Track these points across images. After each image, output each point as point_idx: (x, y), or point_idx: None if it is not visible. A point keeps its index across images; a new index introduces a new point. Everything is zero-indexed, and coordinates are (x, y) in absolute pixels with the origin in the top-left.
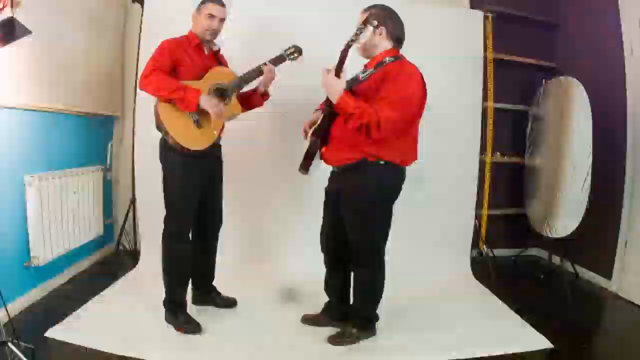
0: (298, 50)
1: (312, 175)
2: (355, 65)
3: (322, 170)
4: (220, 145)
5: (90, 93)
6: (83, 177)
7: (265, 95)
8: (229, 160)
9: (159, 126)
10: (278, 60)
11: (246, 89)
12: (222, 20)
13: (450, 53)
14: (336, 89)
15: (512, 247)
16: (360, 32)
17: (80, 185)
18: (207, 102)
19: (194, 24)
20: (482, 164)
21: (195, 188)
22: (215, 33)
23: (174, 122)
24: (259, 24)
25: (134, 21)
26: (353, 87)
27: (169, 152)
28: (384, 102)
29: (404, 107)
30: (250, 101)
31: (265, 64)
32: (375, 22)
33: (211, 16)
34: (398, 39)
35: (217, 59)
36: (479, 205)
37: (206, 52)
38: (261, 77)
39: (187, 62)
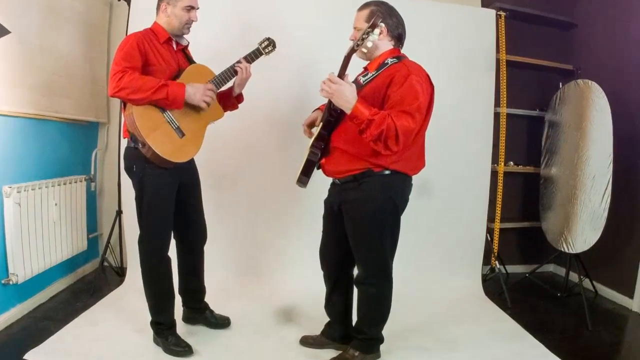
0: (272, 43)
1: (311, 185)
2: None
3: (321, 180)
4: None
5: (72, 97)
6: (65, 187)
7: (240, 97)
8: (220, 169)
9: (134, 136)
10: (253, 56)
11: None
12: (197, 9)
13: (459, 54)
14: (350, 98)
15: (527, 263)
16: (368, 35)
17: (62, 196)
18: (197, 91)
19: (164, 16)
20: (494, 174)
21: (172, 202)
22: (191, 26)
23: (153, 131)
24: (238, 17)
25: (119, 20)
26: None
27: (142, 163)
28: (397, 110)
29: (420, 115)
30: (222, 104)
31: (239, 61)
32: (383, 24)
33: (190, 8)
34: (399, 37)
35: (187, 56)
36: (490, 218)
37: (175, 48)
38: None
39: (158, 61)
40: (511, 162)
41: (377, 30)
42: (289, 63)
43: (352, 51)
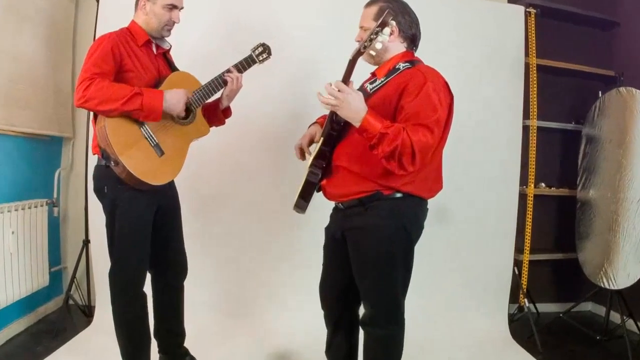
0: (267, 50)
1: (311, 211)
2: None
3: (322, 204)
4: None
5: (32, 108)
6: (23, 213)
7: (228, 111)
8: (203, 191)
9: (106, 153)
10: (245, 65)
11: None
12: (181, 9)
13: (482, 58)
14: (359, 108)
15: (560, 301)
16: (377, 35)
17: (20, 223)
18: (180, 99)
19: (143, 14)
20: (522, 197)
21: (149, 230)
22: (172, 28)
23: (128, 148)
24: (228, 17)
25: (86, 19)
26: None
27: (114, 183)
28: (413, 123)
29: (439, 129)
30: (207, 118)
31: (229, 70)
32: (394, 22)
33: (172, 7)
34: (413, 38)
35: (168, 61)
36: (518, 248)
37: (155, 52)
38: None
39: (135, 66)
40: (542, 184)
41: (387, 30)
42: (286, 67)
43: (358, 54)
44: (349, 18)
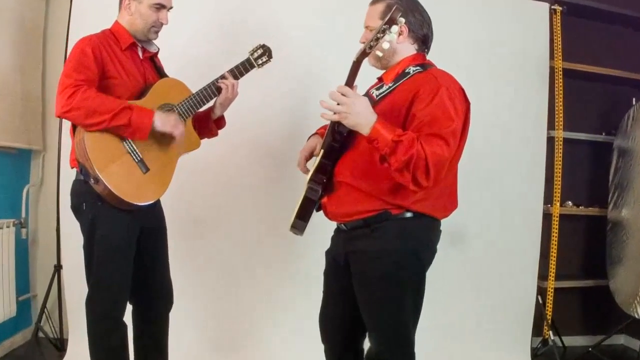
0: (267, 52)
1: (309, 232)
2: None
3: (322, 225)
4: None
5: None
6: None
7: (221, 121)
8: (191, 211)
9: (85, 168)
10: (242, 70)
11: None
12: (169, 10)
13: (501, 62)
14: (368, 114)
15: (590, 334)
16: (384, 34)
17: None
18: (167, 122)
19: (127, 14)
20: (547, 217)
21: (131, 253)
22: (160, 30)
23: (109, 163)
24: (222, 16)
25: (58, 19)
26: None
27: (93, 200)
28: (426, 133)
29: (455, 140)
30: (198, 129)
31: (223, 76)
32: (403, 20)
33: (159, 6)
34: (424, 39)
35: (155, 66)
36: (542, 275)
37: (141, 56)
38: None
39: (118, 73)
40: (569, 202)
41: (395, 29)
42: (283, 71)
43: (362, 55)
44: (357, 18)
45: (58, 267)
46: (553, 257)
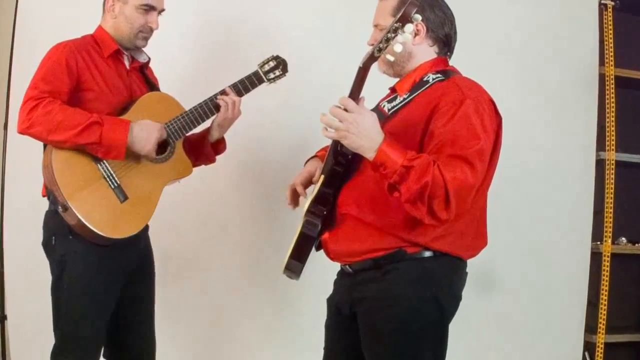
0: (281, 64)
1: (307, 274)
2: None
3: (323, 266)
4: (147, 225)
5: None
6: None
7: (220, 145)
8: (170, 249)
9: (53, 195)
10: (248, 85)
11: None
12: (161, 12)
13: (540, 67)
14: (372, 134)
15: None
16: (396, 34)
17: None
18: (150, 134)
19: (111, 19)
20: (595, 256)
21: (109, 299)
22: (150, 35)
23: (80, 189)
24: (226, 24)
25: (1, 18)
26: None
27: (64, 234)
28: (447, 155)
29: (482, 163)
30: (194, 154)
31: (223, 92)
32: (419, 17)
33: (148, 8)
34: (446, 41)
35: (145, 77)
36: (590, 327)
37: (128, 67)
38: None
39: (97, 84)
40: (623, 239)
41: (409, 27)
42: (289, 83)
43: (370, 59)
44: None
45: (2, 318)
46: (603, 305)
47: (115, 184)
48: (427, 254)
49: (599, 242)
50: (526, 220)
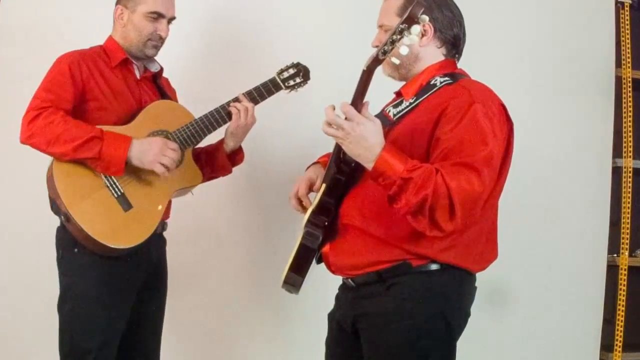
0: (302, 71)
1: (307, 288)
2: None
3: (324, 279)
4: (163, 237)
5: None
6: None
7: (237, 155)
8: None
9: (55, 205)
10: (264, 92)
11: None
12: (171, 21)
13: (554, 70)
14: (372, 143)
15: None
16: (401, 36)
17: None
18: (147, 151)
19: (120, 26)
20: (612, 269)
21: (119, 316)
22: (160, 44)
23: (82, 199)
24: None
25: None
26: None
27: (70, 247)
28: (452, 163)
29: (492, 171)
30: (210, 165)
31: (236, 99)
32: (426, 18)
33: (156, 16)
34: (454, 42)
35: (157, 87)
36: (606, 345)
37: (138, 76)
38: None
39: (103, 95)
40: None
41: (416, 29)
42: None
43: (374, 62)
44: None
45: None
46: (620, 321)
47: (119, 193)
48: (434, 266)
49: (615, 255)
50: (538, 232)
